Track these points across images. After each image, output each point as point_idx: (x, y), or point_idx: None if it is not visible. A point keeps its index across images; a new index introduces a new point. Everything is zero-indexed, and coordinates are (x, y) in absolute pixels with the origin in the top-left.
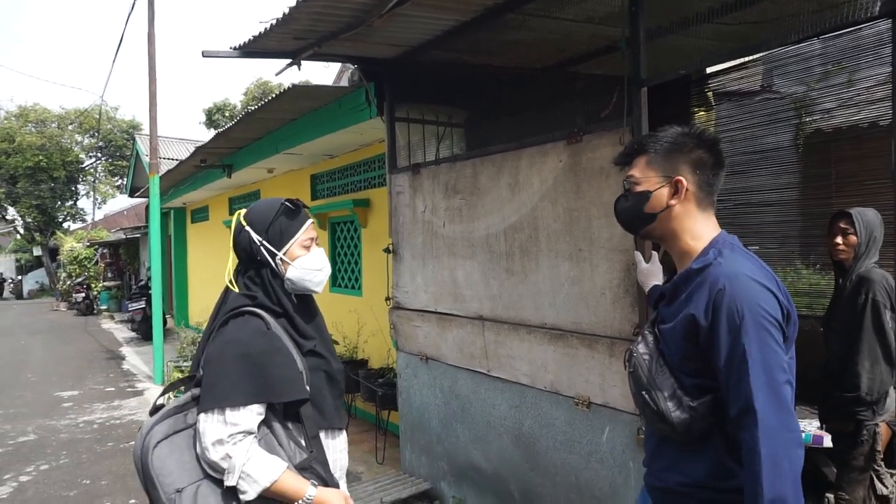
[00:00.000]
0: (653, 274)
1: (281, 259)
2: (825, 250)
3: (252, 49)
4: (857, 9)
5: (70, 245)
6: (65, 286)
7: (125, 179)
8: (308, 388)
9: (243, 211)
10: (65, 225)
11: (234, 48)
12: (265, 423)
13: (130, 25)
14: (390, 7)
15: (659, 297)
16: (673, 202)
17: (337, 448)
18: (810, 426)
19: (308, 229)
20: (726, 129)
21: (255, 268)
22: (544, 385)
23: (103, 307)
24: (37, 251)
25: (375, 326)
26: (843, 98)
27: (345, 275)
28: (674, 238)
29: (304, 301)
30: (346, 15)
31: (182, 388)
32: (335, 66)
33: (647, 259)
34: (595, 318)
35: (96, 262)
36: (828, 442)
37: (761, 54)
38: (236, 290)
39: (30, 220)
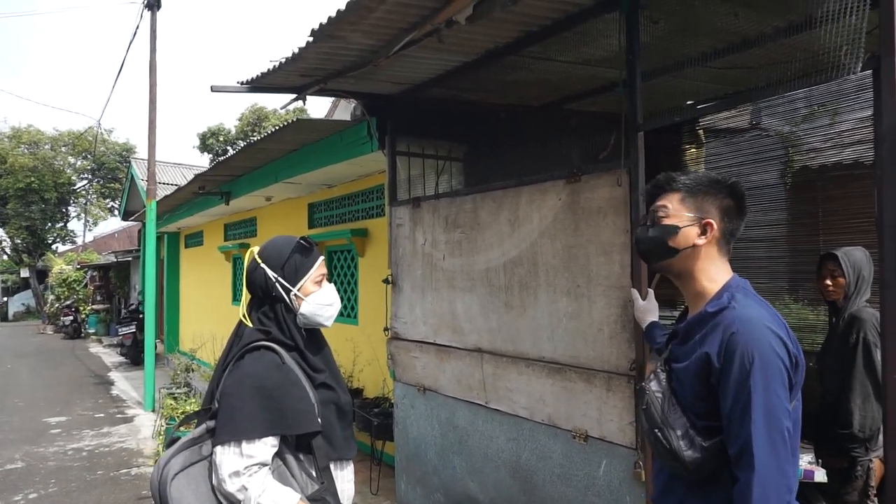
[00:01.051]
0: (649, 311)
1: (295, 295)
2: (814, 286)
3: (259, 84)
4: (840, 70)
5: (60, 267)
6: (52, 309)
7: (118, 202)
8: (319, 420)
9: (257, 248)
10: (54, 246)
11: (242, 83)
12: (278, 454)
13: (129, 51)
14: (397, 49)
15: (671, 336)
16: (699, 242)
17: (345, 479)
18: (801, 461)
19: (320, 266)
20: (716, 166)
21: (269, 303)
22: (542, 418)
23: (91, 331)
24: (24, 273)
25: (371, 356)
26: (828, 137)
27: (341, 303)
28: (690, 278)
29: (313, 335)
30: (353, 55)
31: (196, 420)
32: (329, 99)
33: (644, 297)
34: (593, 353)
35: (86, 285)
36: (819, 477)
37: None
38: (250, 324)
39: (19, 241)
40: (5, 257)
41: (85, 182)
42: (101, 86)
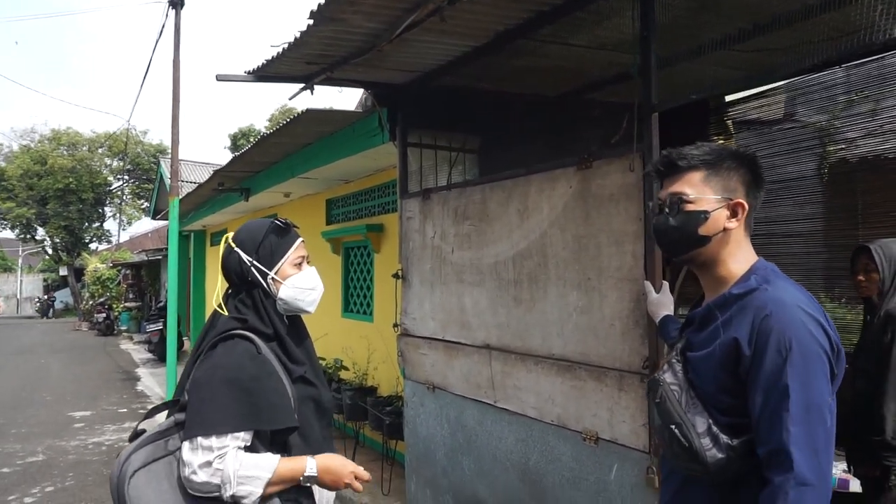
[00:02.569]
0: (663, 304)
1: (272, 279)
2: (850, 283)
3: (265, 73)
4: (875, 32)
5: (94, 265)
6: (87, 306)
7: (150, 202)
8: (296, 416)
9: (232, 233)
10: (91, 246)
11: (248, 72)
12: (251, 450)
13: (160, 52)
14: (399, 32)
15: (686, 323)
16: (731, 225)
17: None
18: (836, 469)
19: (299, 248)
20: None
21: (246, 289)
22: (551, 419)
23: (123, 328)
24: (63, 271)
25: (385, 353)
26: (869, 127)
27: (357, 300)
28: (717, 264)
29: (295, 324)
30: (357, 40)
31: (165, 412)
32: (357, 93)
33: (658, 289)
34: (604, 350)
35: (118, 283)
36: (854, 486)
37: (783, 83)
38: (226, 313)
39: (58, 240)
40: (47, 256)
41: (120, 182)
42: (134, 87)
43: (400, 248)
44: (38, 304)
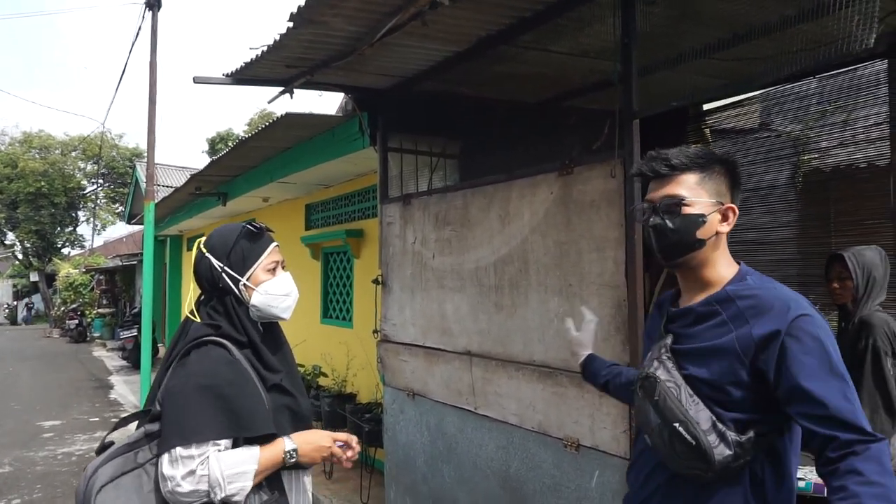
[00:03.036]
0: (583, 344)
1: (244, 285)
2: (825, 290)
3: (243, 76)
4: (851, 42)
5: (66, 271)
6: (58, 312)
7: (125, 206)
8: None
9: (203, 238)
10: (64, 251)
11: (227, 75)
12: None
13: (136, 54)
14: (380, 36)
15: (669, 319)
16: (723, 229)
17: (300, 489)
18: (811, 473)
19: (272, 252)
20: None
21: (217, 296)
22: (532, 425)
23: (96, 334)
24: (34, 276)
25: (365, 360)
26: (841, 137)
27: (336, 306)
28: (706, 267)
29: (271, 330)
30: (337, 43)
31: (135, 423)
32: (338, 98)
33: (579, 327)
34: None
35: (92, 289)
36: None
37: (759, 92)
38: (195, 318)
39: (28, 245)
40: (16, 262)
41: (94, 186)
42: (111, 90)
43: (380, 254)
44: (6, 311)
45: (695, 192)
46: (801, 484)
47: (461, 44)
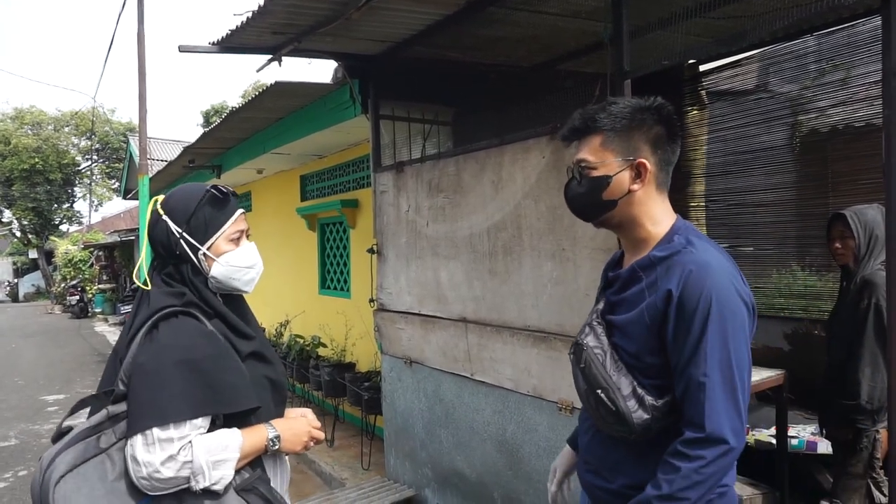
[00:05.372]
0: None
1: (204, 254)
2: (823, 251)
3: (230, 44)
4: None
5: (65, 248)
6: (59, 289)
7: (121, 182)
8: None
9: (161, 197)
10: (61, 227)
11: (213, 43)
12: None
13: (125, 27)
14: (366, 0)
15: (606, 285)
16: (635, 187)
17: (282, 466)
18: (804, 431)
19: (238, 221)
20: (719, 128)
21: (173, 263)
22: (527, 389)
23: (98, 310)
24: (32, 254)
25: (363, 329)
26: (839, 96)
27: (333, 276)
28: (633, 225)
29: (233, 299)
30: (324, 8)
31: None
32: (331, 67)
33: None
34: (578, 320)
35: (91, 265)
36: (822, 448)
37: (756, 52)
38: (147, 287)
39: (25, 222)
40: (14, 239)
41: (89, 162)
42: (101, 64)
43: (374, 223)
44: (7, 288)
45: (598, 154)
46: (794, 441)
47: (449, 6)
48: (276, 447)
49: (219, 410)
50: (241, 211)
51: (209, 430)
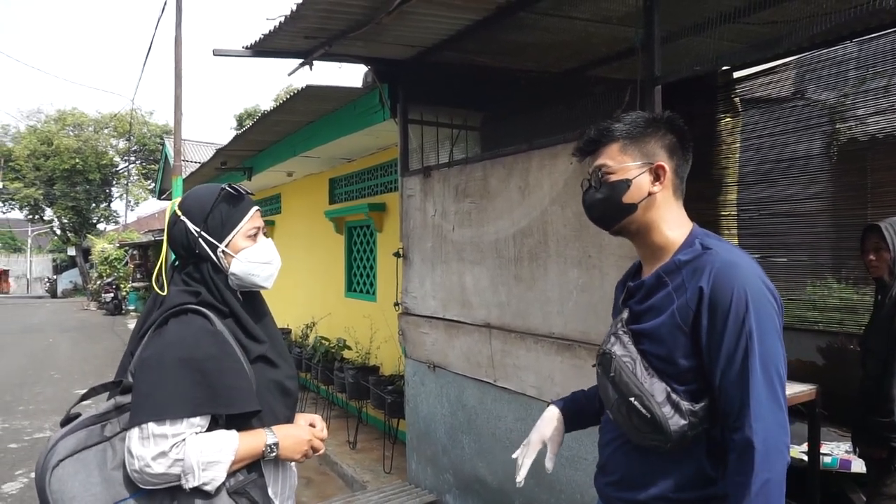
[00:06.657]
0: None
1: (223, 251)
2: (860, 263)
3: (263, 48)
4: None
5: (101, 246)
6: (95, 286)
7: (156, 182)
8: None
9: (178, 199)
10: (98, 226)
11: (246, 47)
12: None
13: (164, 31)
14: (397, 4)
15: (628, 295)
16: (655, 189)
17: (285, 467)
18: (838, 449)
19: (253, 217)
20: (753, 136)
21: (193, 263)
22: (551, 398)
23: (131, 307)
24: (71, 251)
25: (388, 332)
26: (880, 104)
27: (360, 280)
28: (651, 231)
29: (252, 300)
30: (355, 12)
31: (106, 393)
32: (361, 73)
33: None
34: (604, 328)
35: (126, 263)
36: (856, 467)
37: (792, 58)
38: (161, 292)
39: (65, 220)
40: (55, 237)
41: (127, 163)
42: (139, 68)
43: (401, 227)
44: (47, 284)
45: (618, 159)
46: (827, 459)
47: (480, 11)
48: (274, 454)
49: (216, 411)
50: (256, 208)
51: (210, 430)
